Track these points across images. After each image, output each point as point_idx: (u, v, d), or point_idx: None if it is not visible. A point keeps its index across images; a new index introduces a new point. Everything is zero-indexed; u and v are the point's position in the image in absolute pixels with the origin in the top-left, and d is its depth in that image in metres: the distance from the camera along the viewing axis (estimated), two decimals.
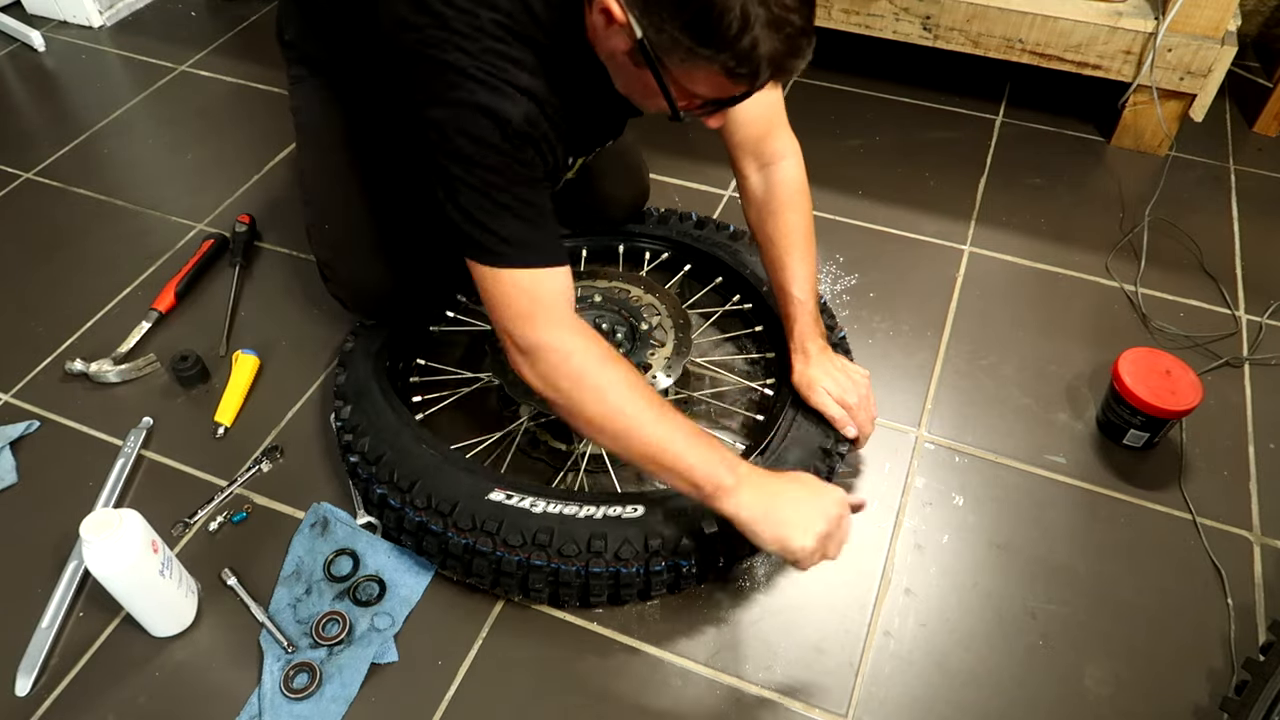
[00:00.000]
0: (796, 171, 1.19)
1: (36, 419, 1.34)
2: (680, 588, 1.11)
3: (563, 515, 1.05)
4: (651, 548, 1.04)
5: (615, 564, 1.04)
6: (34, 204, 1.75)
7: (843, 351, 1.29)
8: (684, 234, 1.49)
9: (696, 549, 1.05)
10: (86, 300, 1.53)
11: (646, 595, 1.11)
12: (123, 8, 2.32)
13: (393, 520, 1.12)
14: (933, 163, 1.82)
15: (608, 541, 1.04)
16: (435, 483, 1.09)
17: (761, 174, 1.19)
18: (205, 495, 1.24)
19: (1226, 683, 1.06)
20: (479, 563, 1.06)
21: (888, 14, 1.81)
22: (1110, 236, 1.65)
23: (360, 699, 1.04)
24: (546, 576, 1.05)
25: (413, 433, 1.15)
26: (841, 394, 1.18)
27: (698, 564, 1.07)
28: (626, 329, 1.31)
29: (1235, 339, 1.47)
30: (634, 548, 1.04)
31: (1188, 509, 1.23)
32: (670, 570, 1.06)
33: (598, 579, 1.04)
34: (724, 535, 1.03)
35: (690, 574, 1.08)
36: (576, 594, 1.07)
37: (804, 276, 1.19)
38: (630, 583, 1.06)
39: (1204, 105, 1.72)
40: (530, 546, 1.04)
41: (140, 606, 1.06)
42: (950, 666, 1.08)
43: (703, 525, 1.05)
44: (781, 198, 1.18)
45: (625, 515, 1.06)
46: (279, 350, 1.44)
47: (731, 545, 1.06)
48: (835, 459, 1.17)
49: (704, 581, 1.14)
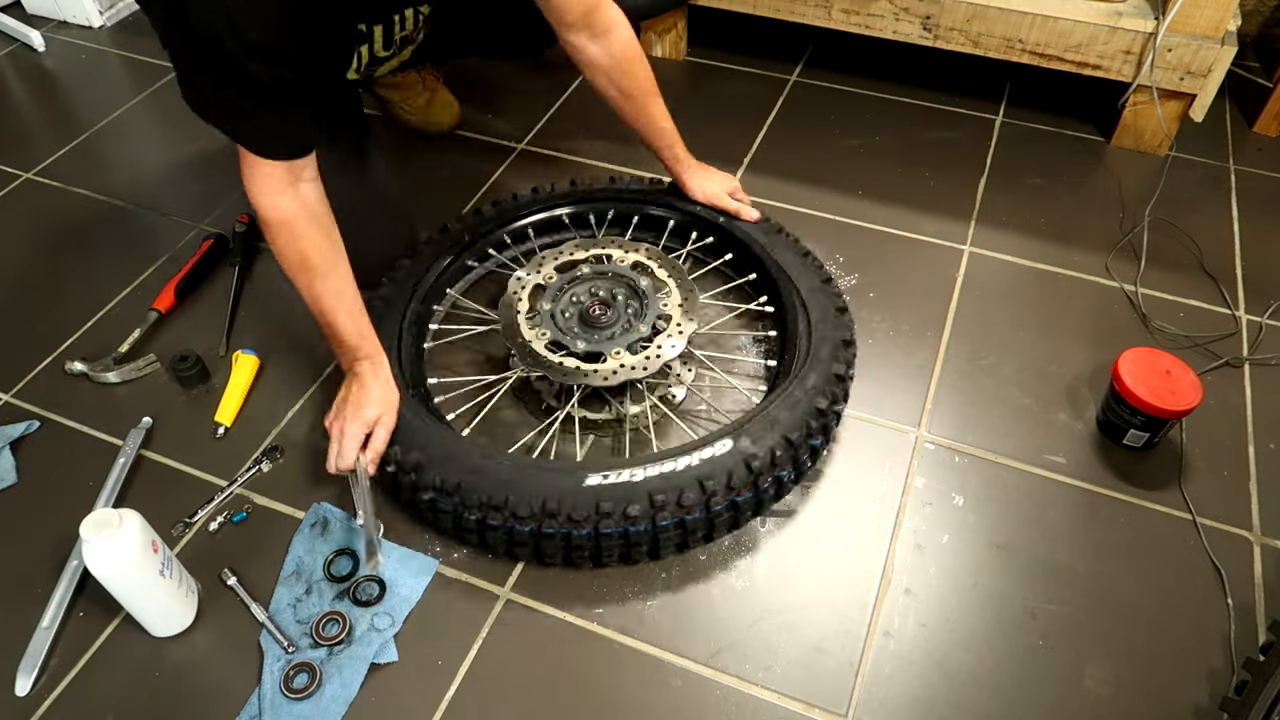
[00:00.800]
0: (630, 34, 1.32)
1: (36, 419, 1.35)
2: (782, 494, 1.22)
3: (663, 473, 1.11)
4: (755, 468, 1.14)
5: (728, 495, 1.12)
6: (34, 204, 1.75)
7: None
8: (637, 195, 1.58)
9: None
10: (86, 300, 1.53)
11: (760, 511, 1.21)
12: (123, 8, 2.32)
13: (502, 542, 1.13)
14: (933, 163, 1.82)
15: (714, 480, 1.12)
16: (527, 488, 1.11)
17: (598, 42, 1.30)
18: (205, 495, 1.24)
19: (1226, 683, 1.06)
20: (607, 543, 1.11)
21: (888, 14, 1.81)
22: (1110, 236, 1.65)
23: (360, 699, 1.04)
24: (674, 529, 1.12)
25: (481, 451, 1.15)
26: (724, 188, 1.48)
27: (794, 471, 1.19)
28: (626, 290, 1.35)
29: (1235, 339, 1.47)
30: (740, 474, 1.13)
31: (1188, 509, 1.23)
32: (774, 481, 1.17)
33: (719, 515, 1.13)
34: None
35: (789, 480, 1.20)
36: (703, 533, 1.16)
37: (663, 112, 1.40)
38: (745, 507, 1.16)
39: (1204, 105, 1.72)
40: (652, 509, 1.10)
41: (140, 606, 1.06)
42: (950, 666, 1.08)
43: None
44: (629, 56, 1.32)
45: (716, 453, 1.14)
46: (279, 350, 1.44)
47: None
48: (803, 452, 1.19)
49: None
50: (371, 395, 1.16)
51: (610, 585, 1.15)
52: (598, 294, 1.35)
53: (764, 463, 1.14)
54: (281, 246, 1.14)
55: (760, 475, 1.14)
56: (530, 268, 1.37)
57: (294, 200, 1.13)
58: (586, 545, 1.11)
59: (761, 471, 1.14)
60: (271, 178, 1.11)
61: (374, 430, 1.14)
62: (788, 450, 1.16)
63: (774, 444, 1.15)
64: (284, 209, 1.12)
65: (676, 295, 1.33)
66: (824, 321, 1.30)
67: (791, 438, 1.16)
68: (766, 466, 1.15)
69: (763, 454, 1.14)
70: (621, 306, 1.33)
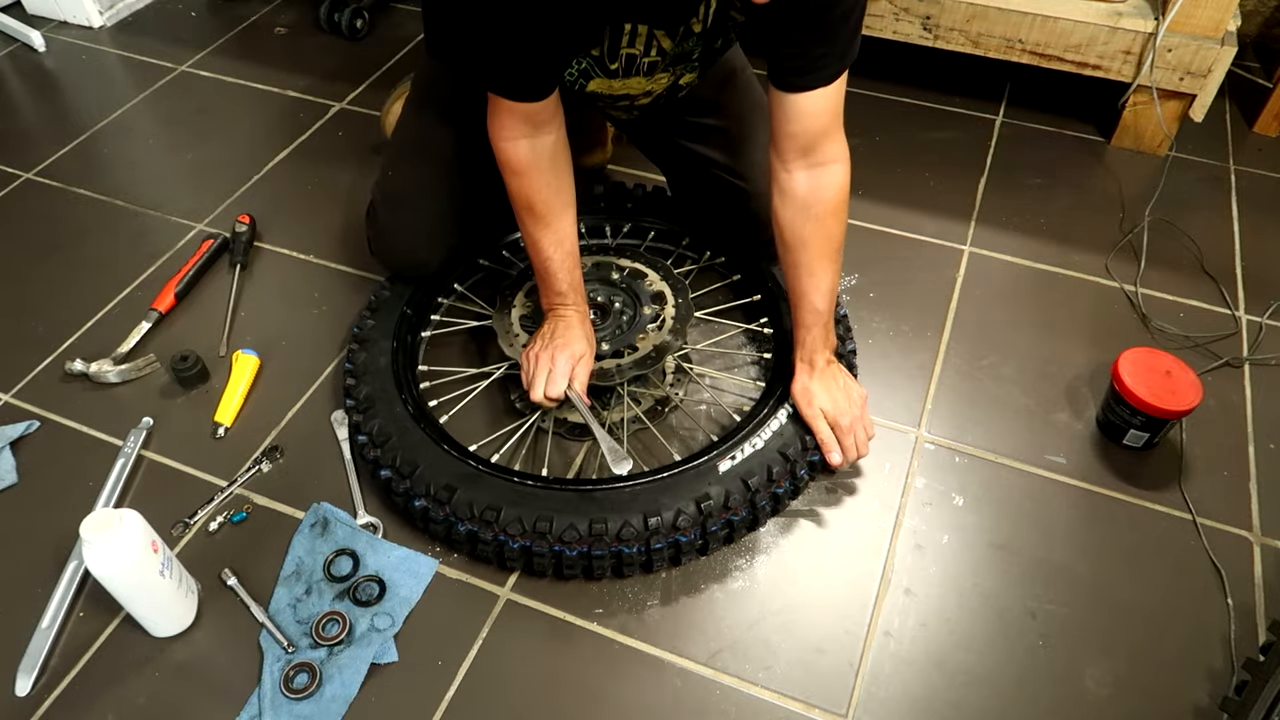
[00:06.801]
0: (845, 180, 1.15)
1: (36, 419, 1.34)
2: (779, 510, 1.21)
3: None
4: (753, 485, 1.14)
5: (724, 514, 1.12)
6: (34, 204, 1.75)
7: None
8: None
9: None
10: (86, 300, 1.53)
11: (755, 526, 1.20)
12: (123, 8, 2.32)
13: (550, 562, 1.12)
14: (933, 163, 1.82)
15: (711, 500, 1.12)
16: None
17: (809, 173, 1.13)
18: (205, 495, 1.24)
19: (1226, 683, 1.06)
20: (599, 563, 1.11)
21: (888, 14, 1.81)
22: (1110, 236, 1.65)
23: (360, 699, 1.04)
24: (668, 549, 1.12)
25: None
26: (836, 415, 1.19)
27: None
28: (624, 297, 1.35)
29: (1235, 339, 1.47)
30: (738, 493, 1.13)
31: (1188, 509, 1.23)
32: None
33: (714, 534, 1.13)
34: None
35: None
36: (698, 550, 1.16)
37: (828, 289, 1.18)
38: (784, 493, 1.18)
39: (1204, 105, 1.72)
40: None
41: (140, 606, 1.06)
42: (950, 666, 1.08)
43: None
44: (829, 203, 1.13)
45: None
46: (279, 350, 1.44)
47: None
48: (800, 467, 1.18)
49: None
50: (576, 334, 1.21)
51: (610, 586, 1.15)
52: (595, 299, 1.34)
53: (761, 480, 1.14)
54: (513, 189, 1.18)
55: (757, 493, 1.14)
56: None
57: (529, 148, 1.15)
58: (578, 564, 1.11)
59: (759, 489, 1.14)
60: (509, 124, 1.13)
61: (576, 366, 1.20)
62: (785, 466, 1.16)
63: (770, 461, 1.15)
64: (519, 155, 1.15)
65: (671, 308, 1.32)
66: None
67: (788, 453, 1.16)
68: (764, 484, 1.14)
69: (760, 472, 1.14)
70: (616, 314, 1.33)
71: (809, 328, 1.19)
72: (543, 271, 1.22)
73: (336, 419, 1.33)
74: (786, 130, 1.11)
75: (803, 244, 1.16)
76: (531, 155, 1.15)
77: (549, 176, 1.17)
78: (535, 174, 1.16)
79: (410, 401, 1.24)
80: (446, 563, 1.17)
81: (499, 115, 1.13)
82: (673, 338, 1.28)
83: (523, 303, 1.34)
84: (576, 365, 1.19)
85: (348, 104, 1.99)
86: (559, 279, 1.21)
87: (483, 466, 1.16)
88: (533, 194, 1.17)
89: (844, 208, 1.15)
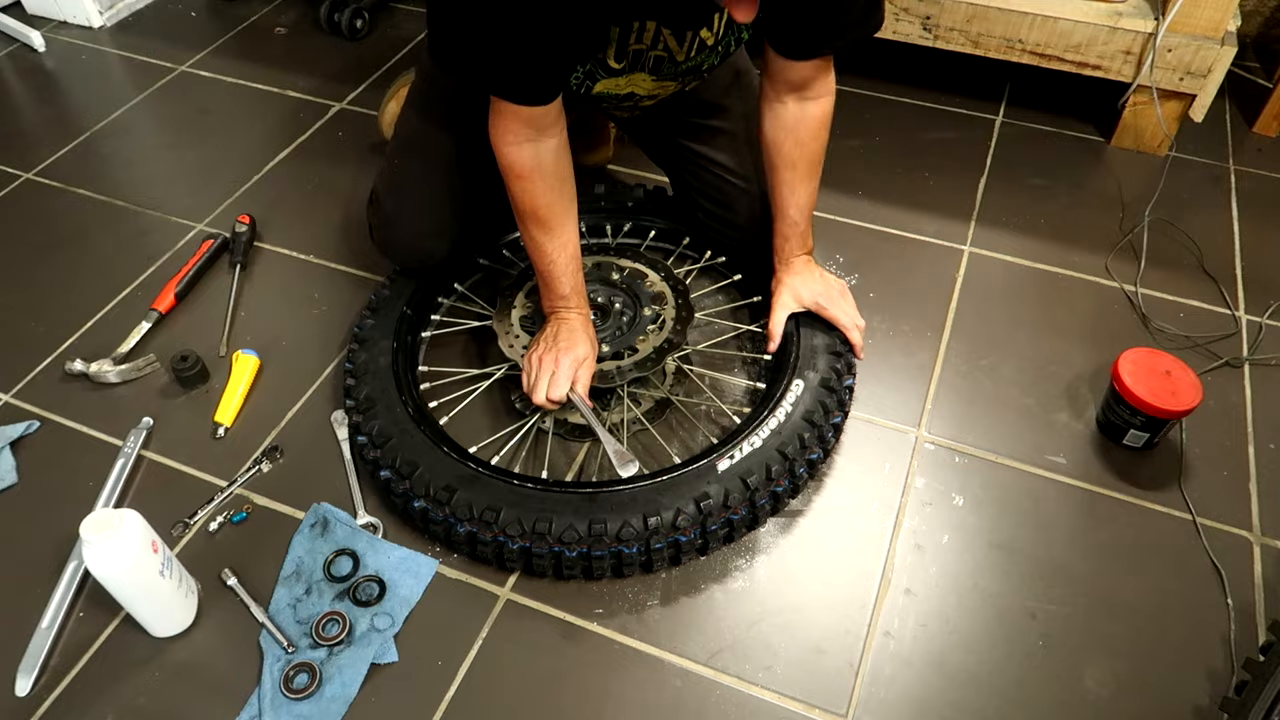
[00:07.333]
0: (830, 106, 1.24)
1: (36, 419, 1.34)
2: (779, 509, 1.22)
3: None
4: (752, 484, 1.14)
5: (724, 514, 1.12)
6: (34, 204, 1.75)
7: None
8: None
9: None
10: (86, 300, 1.53)
11: (755, 525, 1.21)
12: (123, 8, 2.32)
13: (549, 563, 1.12)
14: (933, 163, 1.82)
15: (710, 500, 1.12)
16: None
17: (800, 105, 1.22)
18: (205, 495, 1.24)
19: (1226, 683, 1.06)
20: (599, 563, 1.11)
21: (888, 14, 1.81)
22: (1110, 236, 1.65)
23: (360, 699, 1.04)
24: (668, 549, 1.12)
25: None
26: (818, 299, 1.30)
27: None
28: (625, 298, 1.35)
29: (1235, 339, 1.47)
30: (737, 492, 1.13)
31: (1188, 509, 1.23)
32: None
33: (714, 534, 1.14)
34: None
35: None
36: (698, 550, 1.16)
37: (806, 203, 1.28)
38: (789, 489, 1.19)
39: (1204, 105, 1.72)
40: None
41: (140, 607, 1.06)
42: (950, 667, 1.08)
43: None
44: (813, 126, 1.23)
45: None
46: (279, 350, 1.44)
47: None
48: (799, 465, 1.18)
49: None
50: (579, 337, 1.22)
51: (610, 586, 1.15)
52: (595, 300, 1.34)
53: (760, 479, 1.14)
54: (515, 193, 1.18)
55: (756, 492, 1.14)
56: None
57: (532, 152, 1.14)
58: (577, 565, 1.11)
59: (758, 488, 1.14)
60: (513, 128, 1.13)
61: (579, 369, 1.21)
62: (784, 465, 1.16)
63: (769, 460, 1.15)
64: (521, 159, 1.15)
65: (671, 309, 1.32)
66: (812, 331, 1.30)
67: (787, 451, 1.16)
68: (763, 483, 1.14)
69: (758, 471, 1.14)
70: (616, 315, 1.33)
71: (787, 237, 1.30)
72: (545, 274, 1.22)
73: (336, 419, 1.33)
74: (782, 76, 1.20)
75: (789, 163, 1.25)
76: (534, 159, 1.15)
77: (552, 180, 1.17)
78: (538, 178, 1.16)
79: (410, 402, 1.24)
80: (446, 563, 1.17)
81: (502, 119, 1.13)
82: (673, 339, 1.28)
83: (523, 303, 1.34)
84: (579, 368, 1.20)
85: (348, 104, 1.99)
86: (561, 282, 1.22)
87: (482, 468, 1.16)
88: (536, 198, 1.17)
89: (826, 130, 1.25)
